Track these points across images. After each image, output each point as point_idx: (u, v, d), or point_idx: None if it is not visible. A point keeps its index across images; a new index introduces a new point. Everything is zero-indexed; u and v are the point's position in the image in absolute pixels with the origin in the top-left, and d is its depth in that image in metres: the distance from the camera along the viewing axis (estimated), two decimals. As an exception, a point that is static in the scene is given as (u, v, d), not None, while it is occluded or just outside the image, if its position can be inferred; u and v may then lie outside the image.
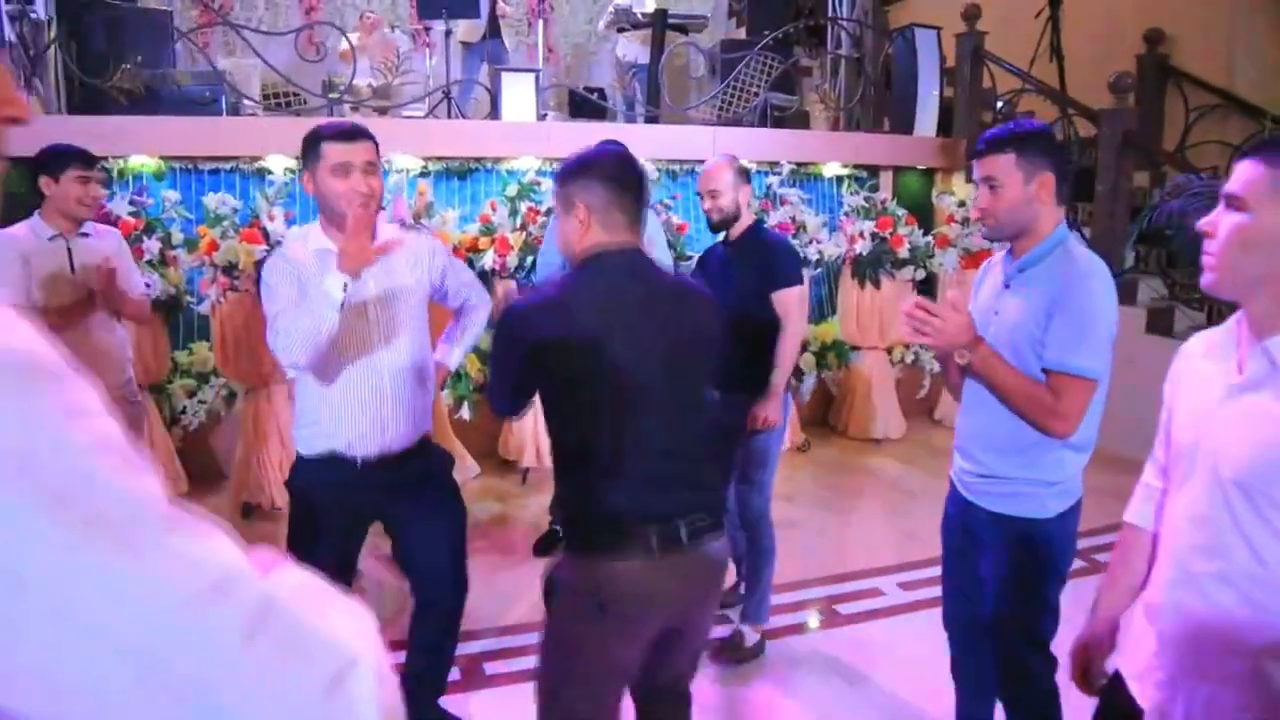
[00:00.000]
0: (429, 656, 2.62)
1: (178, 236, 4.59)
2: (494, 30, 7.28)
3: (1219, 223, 1.37)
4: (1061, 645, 1.88)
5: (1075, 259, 1.95)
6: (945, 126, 6.66)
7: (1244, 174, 1.34)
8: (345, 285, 2.09)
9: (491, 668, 3.02)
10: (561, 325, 1.72)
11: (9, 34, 5.23)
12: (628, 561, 1.70)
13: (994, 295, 2.09)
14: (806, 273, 5.57)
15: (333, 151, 2.21)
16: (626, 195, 1.81)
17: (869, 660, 3.14)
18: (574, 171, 1.84)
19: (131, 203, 4.50)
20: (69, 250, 3.12)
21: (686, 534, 1.73)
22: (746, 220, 3.17)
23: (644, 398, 1.75)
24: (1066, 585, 2.09)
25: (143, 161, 4.89)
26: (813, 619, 3.43)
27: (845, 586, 3.59)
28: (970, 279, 2.80)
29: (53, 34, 5.72)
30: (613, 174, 1.81)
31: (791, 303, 3.09)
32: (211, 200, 4.52)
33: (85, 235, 3.19)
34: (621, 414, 1.74)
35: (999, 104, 6.89)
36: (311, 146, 2.24)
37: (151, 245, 4.42)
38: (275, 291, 2.24)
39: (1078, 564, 2.24)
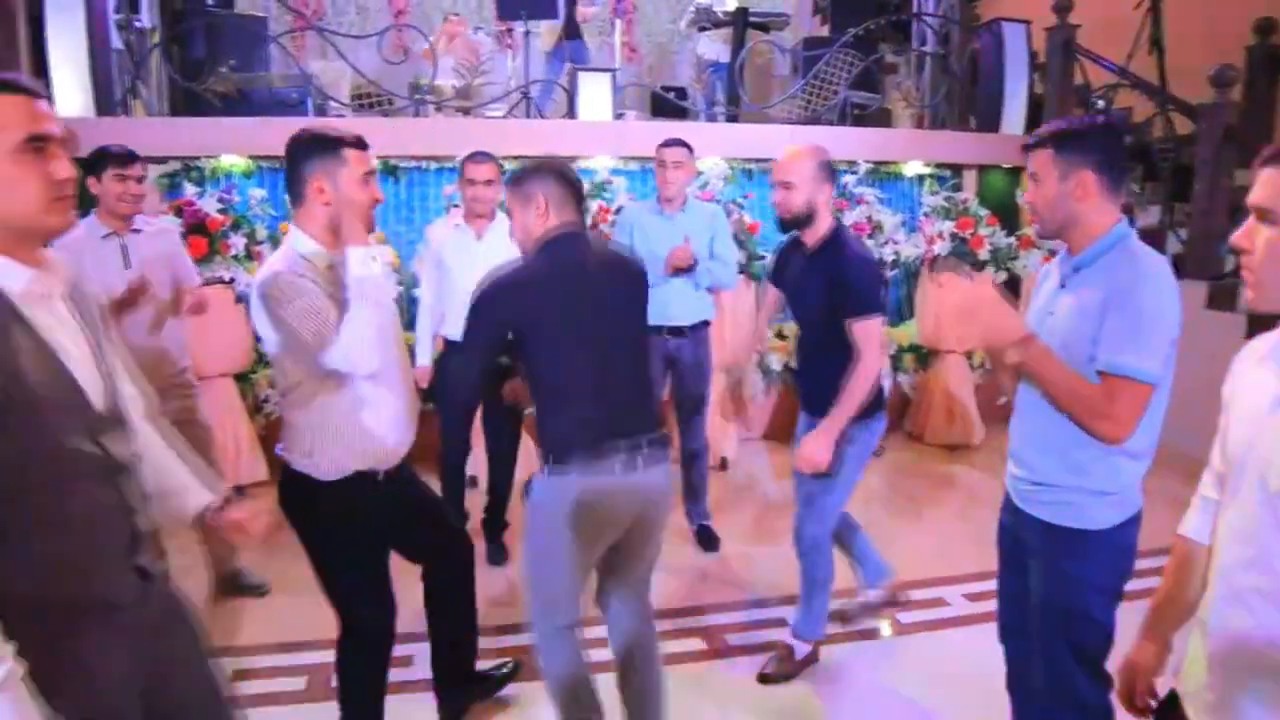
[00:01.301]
0: (457, 621, 2.70)
1: (262, 233, 4.78)
2: (574, 31, 7.35)
3: (1254, 238, 1.29)
4: (1116, 665, 1.79)
5: (1135, 257, 1.85)
6: (1035, 124, 6.43)
7: (1271, 184, 1.26)
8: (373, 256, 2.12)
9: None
10: (536, 290, 2.17)
11: (116, 42, 5.51)
12: (603, 475, 2.17)
13: (1050, 295, 2.01)
14: (883, 274, 5.48)
15: (358, 158, 2.15)
16: (573, 189, 2.28)
17: (928, 671, 3.06)
18: (531, 172, 2.27)
19: (220, 200, 4.69)
20: (123, 247, 3.25)
21: (645, 451, 2.22)
22: (824, 225, 2.79)
23: (602, 344, 2.21)
24: (1131, 604, 1.98)
25: (233, 161, 5.09)
26: (873, 627, 3.35)
27: (909, 595, 3.50)
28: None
29: (155, 40, 6.01)
30: (562, 172, 2.28)
31: (870, 335, 2.68)
32: (294, 198, 4.68)
33: (138, 231, 3.31)
34: (587, 358, 2.19)
35: (1093, 100, 6.63)
36: (331, 150, 2.12)
37: (237, 241, 4.61)
38: (314, 306, 2.07)
39: (1143, 583, 2.12)
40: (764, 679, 3.02)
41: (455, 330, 3.40)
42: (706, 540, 4.09)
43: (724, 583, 3.78)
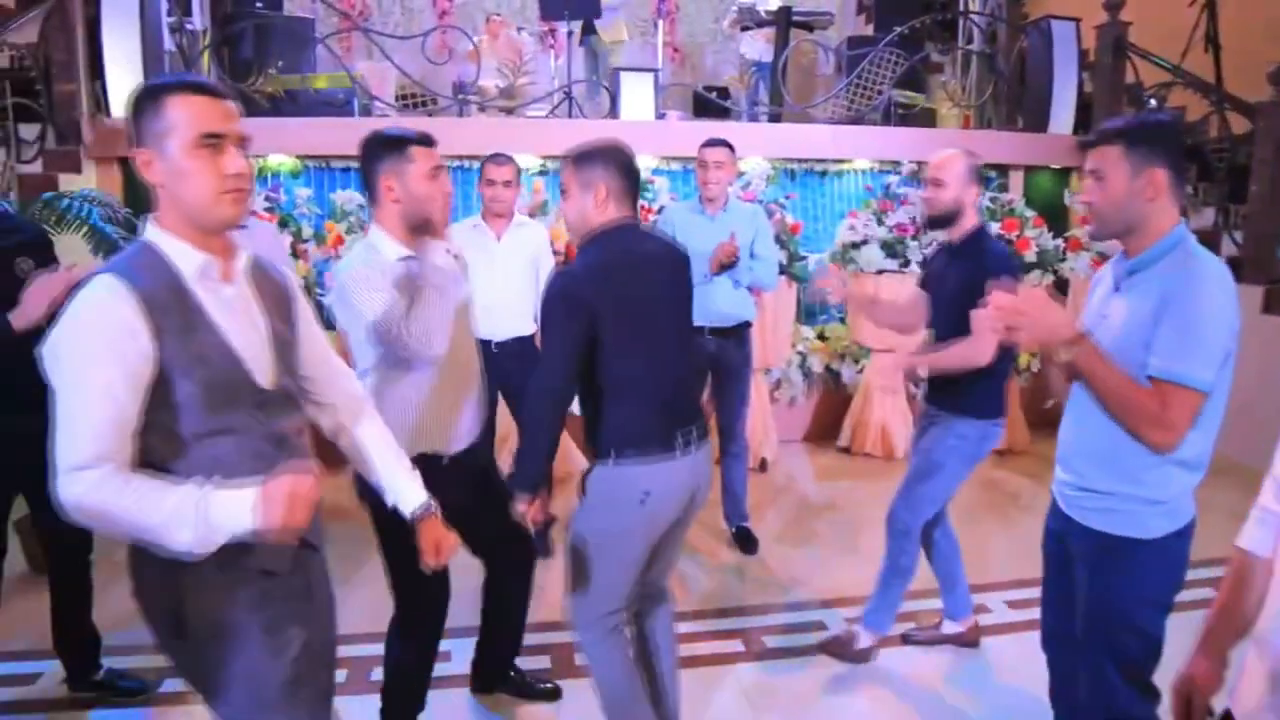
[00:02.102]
0: (508, 615, 2.75)
1: (308, 231, 4.84)
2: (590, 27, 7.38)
3: None
4: (1167, 679, 1.74)
5: (1193, 261, 1.80)
6: (1084, 124, 6.32)
7: None
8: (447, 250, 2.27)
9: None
10: (605, 285, 2.12)
11: (169, 43, 5.62)
12: (665, 460, 2.19)
13: (1104, 299, 1.96)
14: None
15: (423, 155, 2.26)
16: (633, 181, 2.24)
17: (969, 679, 3.01)
18: (595, 157, 2.20)
19: (267, 199, 4.77)
20: None
21: (696, 435, 2.26)
22: (970, 223, 2.89)
23: (662, 333, 2.23)
24: (1184, 615, 1.93)
25: (280, 160, 5.17)
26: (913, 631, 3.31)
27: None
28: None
29: (206, 42, 6.12)
30: (625, 163, 2.22)
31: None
32: (339, 197, 4.75)
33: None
34: (651, 348, 2.20)
35: (1145, 99, 6.48)
36: (396, 150, 2.23)
37: (283, 239, 4.67)
38: (388, 296, 2.20)
39: (1195, 594, 2.07)
40: (820, 647, 3.13)
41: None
42: (745, 542, 4.07)
43: (762, 584, 3.75)
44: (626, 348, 2.17)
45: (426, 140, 2.27)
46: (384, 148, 2.25)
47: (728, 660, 3.14)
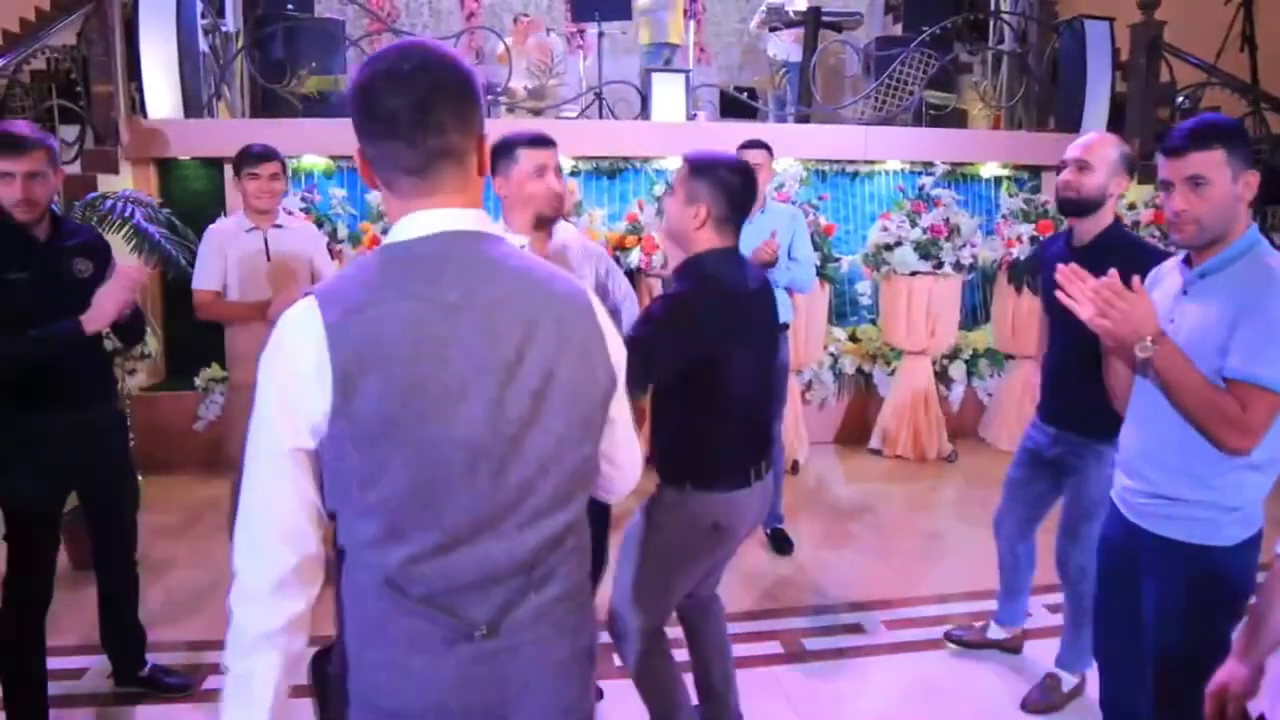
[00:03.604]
0: None
1: (343, 231, 4.87)
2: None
3: None
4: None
5: (1268, 264, 1.77)
6: (1117, 124, 6.26)
7: None
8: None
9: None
10: (718, 319, 2.09)
11: (203, 46, 5.68)
12: (740, 491, 2.19)
13: (1171, 302, 1.92)
14: (960, 277, 5.39)
15: (529, 155, 2.38)
16: (739, 212, 2.17)
17: (1007, 682, 2.99)
18: (707, 171, 2.13)
19: (302, 199, 4.80)
20: (265, 240, 3.36)
21: (766, 466, 2.28)
22: (1104, 220, 2.59)
23: (754, 371, 2.22)
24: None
25: (314, 161, 5.20)
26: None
27: (985, 604, 3.42)
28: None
29: (240, 45, 6.17)
30: (738, 190, 2.13)
31: None
32: (375, 197, 4.76)
33: (279, 226, 3.43)
34: (748, 382, 2.19)
35: (1179, 99, 6.42)
36: (505, 152, 2.37)
37: (322, 238, 4.69)
38: None
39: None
40: (1025, 706, 2.87)
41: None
42: (780, 544, 4.06)
43: (798, 586, 3.74)
44: (724, 381, 2.15)
45: (537, 141, 2.39)
46: (495, 150, 2.33)
47: (767, 662, 3.14)
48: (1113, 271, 1.77)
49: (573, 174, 5.49)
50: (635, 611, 2.28)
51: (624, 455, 1.38)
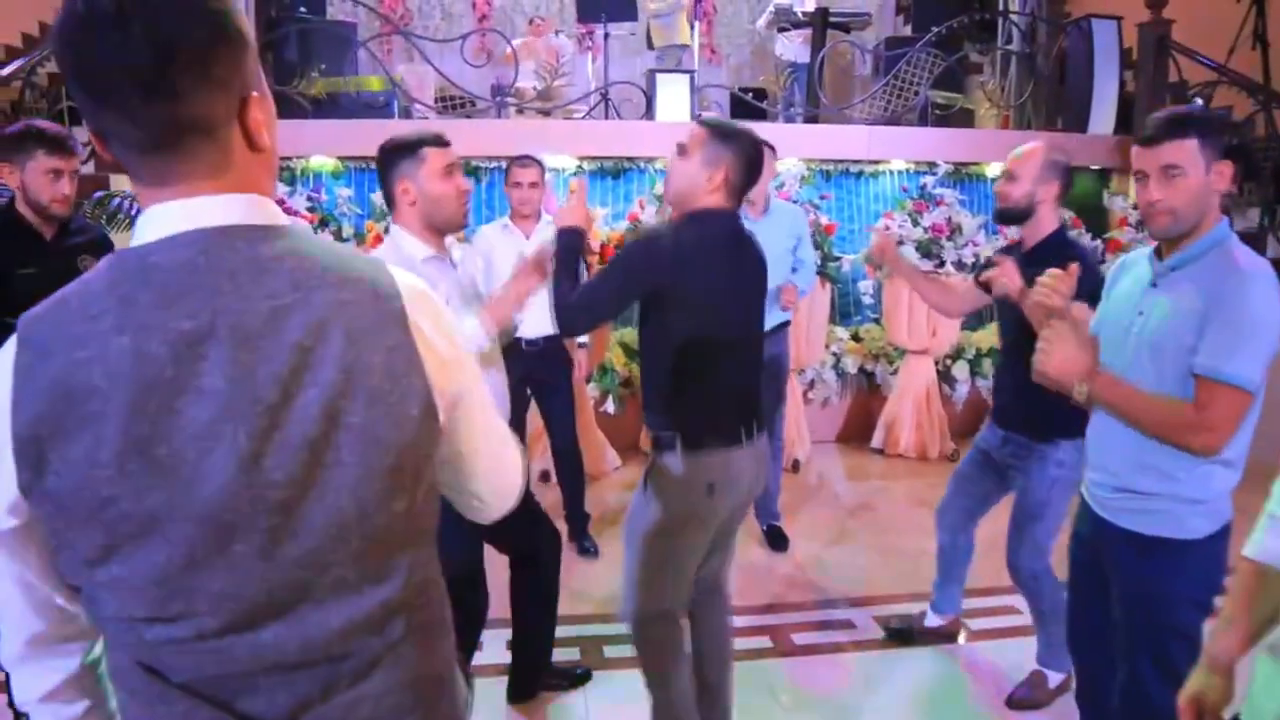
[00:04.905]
0: (540, 614, 2.78)
1: (348, 230, 4.94)
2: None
3: None
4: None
5: (1237, 258, 1.77)
6: (1124, 124, 6.24)
7: None
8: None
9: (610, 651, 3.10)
10: (693, 265, 2.10)
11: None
12: (732, 449, 2.20)
13: (1139, 294, 1.92)
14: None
15: (436, 154, 2.25)
16: (750, 180, 2.22)
17: (997, 678, 3.00)
18: (732, 140, 2.15)
19: (309, 199, 4.88)
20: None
21: (757, 426, 2.27)
22: (1045, 227, 2.64)
23: (742, 329, 2.25)
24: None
25: (321, 161, 5.27)
26: (949, 632, 3.30)
27: (979, 601, 3.44)
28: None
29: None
30: (754, 161, 2.20)
31: None
32: (380, 197, 4.82)
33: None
34: (732, 338, 2.20)
35: (1190, 98, 6.38)
36: (409, 152, 2.24)
37: (325, 238, 4.77)
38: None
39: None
40: (1010, 703, 2.88)
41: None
42: (776, 540, 4.08)
43: (792, 583, 3.77)
44: (704, 332, 2.14)
45: (439, 140, 2.24)
46: (396, 152, 2.23)
47: (755, 656, 3.16)
48: (1051, 270, 1.81)
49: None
50: (643, 589, 2.28)
51: (487, 486, 1.12)
